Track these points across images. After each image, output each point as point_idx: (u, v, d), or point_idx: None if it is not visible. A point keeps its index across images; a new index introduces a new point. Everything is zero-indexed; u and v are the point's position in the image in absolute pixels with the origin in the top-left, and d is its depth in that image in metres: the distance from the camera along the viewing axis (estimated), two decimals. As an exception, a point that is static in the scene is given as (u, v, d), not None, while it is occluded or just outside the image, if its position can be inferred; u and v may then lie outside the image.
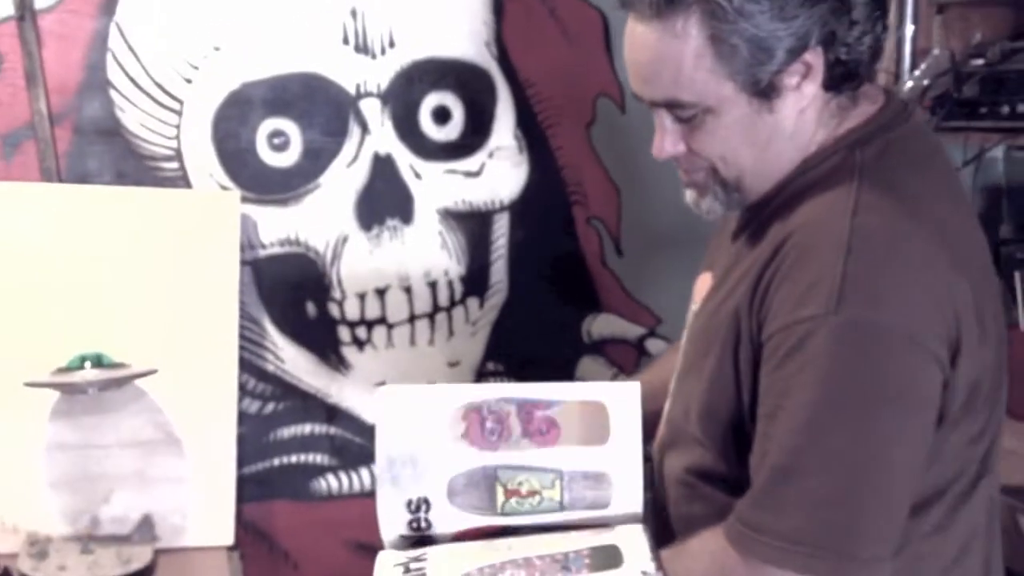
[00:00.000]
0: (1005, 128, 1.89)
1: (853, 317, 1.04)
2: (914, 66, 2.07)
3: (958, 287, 1.08)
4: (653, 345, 2.23)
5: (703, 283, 1.31)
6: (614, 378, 2.21)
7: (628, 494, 1.21)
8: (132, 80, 1.93)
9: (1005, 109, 1.86)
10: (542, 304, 2.17)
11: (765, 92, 1.11)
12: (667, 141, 1.18)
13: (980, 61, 1.98)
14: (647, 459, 1.23)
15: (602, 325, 2.21)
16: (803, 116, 1.15)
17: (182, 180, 1.98)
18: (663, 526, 1.23)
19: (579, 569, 1.13)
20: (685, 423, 1.22)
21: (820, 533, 1.05)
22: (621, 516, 1.21)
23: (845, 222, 1.08)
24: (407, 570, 1.21)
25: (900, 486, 1.07)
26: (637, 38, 1.13)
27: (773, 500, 1.07)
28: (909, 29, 2.07)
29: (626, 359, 2.22)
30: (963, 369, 1.08)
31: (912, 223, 1.08)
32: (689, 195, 1.24)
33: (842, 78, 1.13)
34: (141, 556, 1.78)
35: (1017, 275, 1.98)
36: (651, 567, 1.11)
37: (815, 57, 1.10)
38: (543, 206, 2.15)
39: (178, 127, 1.97)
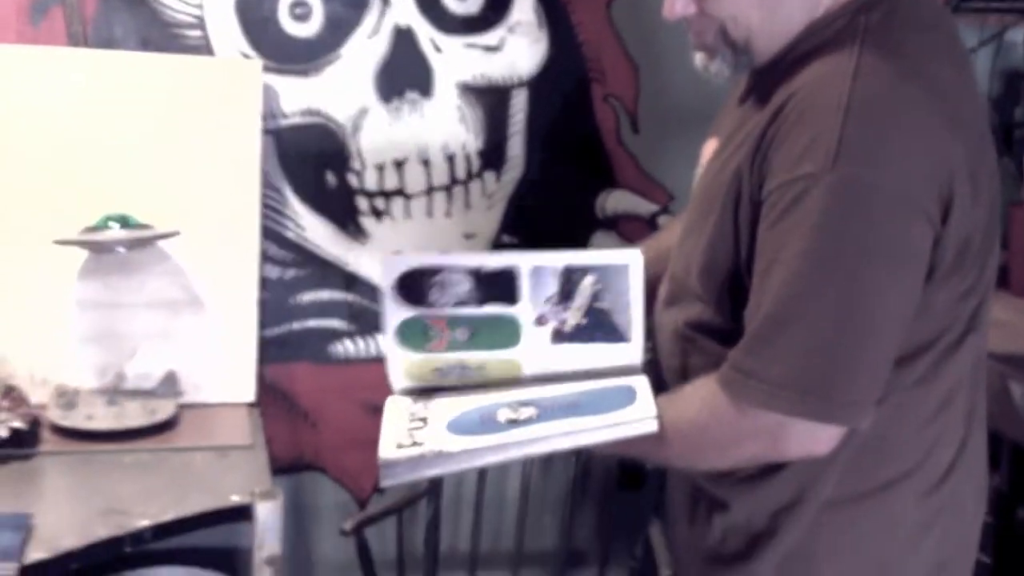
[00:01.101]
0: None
1: (848, 174, 1.08)
2: (938, -54, 2.05)
3: (953, 148, 1.11)
4: (665, 221, 2.26)
5: (709, 147, 1.34)
6: (626, 254, 2.25)
7: (631, 347, 1.28)
8: (156, -53, 1.96)
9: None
10: (557, 179, 2.21)
11: None
12: (678, 2, 1.21)
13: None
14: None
15: (616, 201, 2.25)
16: None
17: (205, 48, 2.02)
18: (658, 377, 1.29)
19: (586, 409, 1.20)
20: (686, 279, 1.27)
21: (806, 377, 1.10)
22: (622, 367, 1.28)
23: (845, 84, 1.11)
24: (412, 418, 1.28)
25: (886, 336, 1.12)
26: None
27: (764, 347, 1.12)
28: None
29: (638, 234, 2.26)
30: (954, 227, 1.12)
31: (911, 86, 1.11)
32: (698, 58, 1.27)
33: None
34: (165, 408, 1.87)
35: (1028, 157, 2.00)
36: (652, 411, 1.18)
37: None
38: (561, 83, 2.17)
39: (202, -5, 2.00)
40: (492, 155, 2.17)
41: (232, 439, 1.84)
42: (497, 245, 2.21)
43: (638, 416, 1.18)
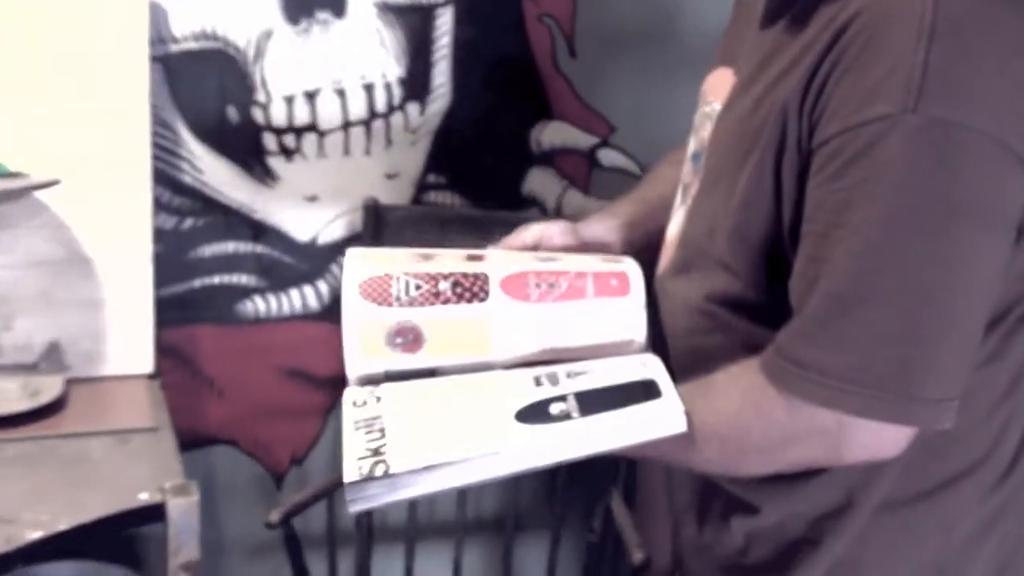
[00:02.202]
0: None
1: (936, 116, 0.88)
2: None
3: None
4: (606, 156, 2.06)
5: (720, 80, 1.13)
6: (564, 190, 2.05)
7: (631, 310, 1.06)
8: None
9: None
10: (488, 110, 1.97)
11: None
12: None
13: None
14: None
15: (552, 133, 2.03)
16: None
17: (78, -39, 1.72)
18: (664, 359, 1.08)
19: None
20: (709, 244, 1.06)
21: (883, 371, 0.91)
22: (620, 344, 1.06)
23: (925, 2, 0.90)
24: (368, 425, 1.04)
25: (975, 316, 0.94)
26: None
27: (827, 332, 0.93)
28: None
29: (577, 170, 2.05)
30: None
31: (1002, 4, 0.92)
32: None
33: None
34: (50, 388, 1.61)
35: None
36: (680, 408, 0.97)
37: None
38: (490, 1, 1.93)
39: (71, -103, 1.69)
40: (415, 84, 1.92)
41: (132, 420, 1.60)
42: (422, 185, 1.97)
43: (663, 412, 0.97)
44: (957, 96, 0.88)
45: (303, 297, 1.95)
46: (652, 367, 1.03)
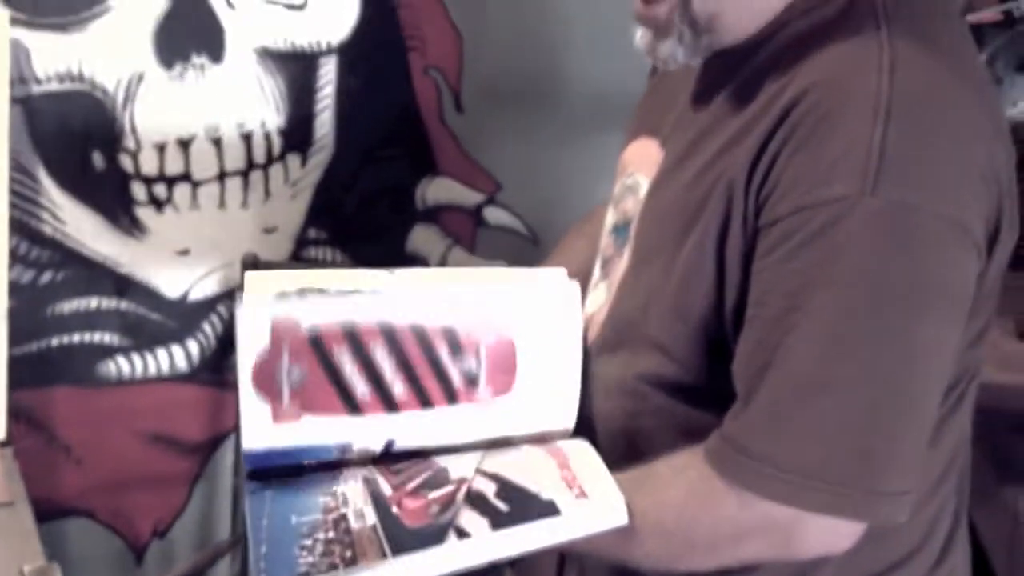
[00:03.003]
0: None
1: (895, 199, 0.85)
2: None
3: (1000, 158, 0.92)
4: (491, 214, 2.01)
5: (643, 151, 1.08)
6: (448, 249, 1.99)
7: (560, 406, 1.00)
8: None
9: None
10: (372, 164, 1.91)
11: None
12: None
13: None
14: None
15: (437, 189, 1.97)
16: None
17: (-71, -9, 1.59)
18: (591, 442, 1.02)
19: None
20: (641, 322, 1.01)
21: (845, 465, 0.87)
22: (548, 432, 1.00)
23: (882, 79, 0.87)
24: None
25: (932, 404, 0.91)
26: None
27: (781, 422, 0.88)
28: None
29: (462, 228, 2.00)
30: (996, 258, 0.93)
31: (956, 83, 0.90)
32: (642, 36, 1.00)
33: None
34: None
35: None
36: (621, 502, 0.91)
37: None
38: (376, 51, 1.87)
39: (-76, -79, 1.56)
40: (296, 134, 1.84)
41: (-17, 495, 1.45)
42: (302, 241, 1.89)
43: (601, 505, 0.91)
44: (915, 179, 0.86)
45: (171, 357, 1.83)
46: (579, 458, 0.97)
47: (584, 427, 1.03)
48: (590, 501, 0.91)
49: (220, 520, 1.90)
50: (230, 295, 1.83)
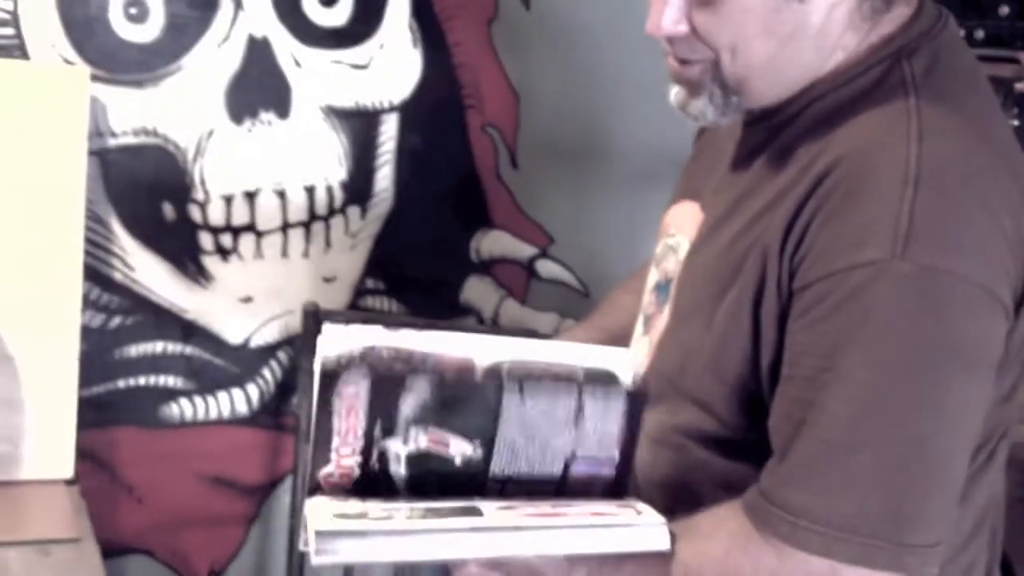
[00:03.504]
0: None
1: (924, 263, 0.89)
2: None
3: None
4: (544, 267, 2.06)
5: (685, 213, 1.13)
6: (501, 301, 2.04)
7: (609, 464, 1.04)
8: (-42, -77, 1.61)
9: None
10: (429, 217, 1.97)
11: None
12: (667, 16, 0.99)
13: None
14: None
15: (492, 243, 2.03)
16: (833, 13, 0.98)
17: (18, 50, 1.67)
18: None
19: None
20: (679, 378, 1.05)
21: (876, 518, 0.91)
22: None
23: (911, 148, 0.92)
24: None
25: (962, 461, 0.94)
26: None
27: (817, 478, 0.92)
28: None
29: (515, 281, 2.05)
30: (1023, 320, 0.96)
31: (983, 151, 0.95)
32: (676, 94, 1.06)
33: None
34: (-34, 493, 1.52)
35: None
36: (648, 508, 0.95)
37: None
38: (435, 109, 1.94)
39: (15, -14, 1.66)
40: (357, 188, 1.90)
41: (54, 530, 1.51)
42: (360, 290, 1.94)
43: (646, 523, 0.95)
44: (944, 244, 0.90)
45: (232, 401, 1.89)
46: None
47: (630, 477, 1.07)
48: (637, 519, 0.95)
49: (275, 561, 1.94)
50: (290, 342, 1.89)
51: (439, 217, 1.98)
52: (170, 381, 1.85)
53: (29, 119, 1.63)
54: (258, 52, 1.79)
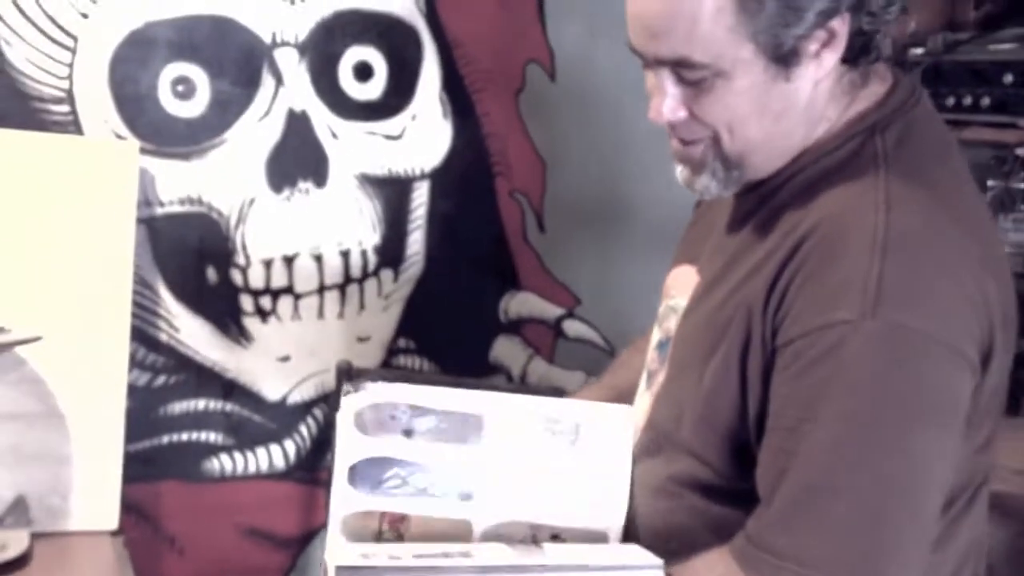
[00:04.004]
0: (948, 120, 1.85)
1: (892, 321, 0.96)
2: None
3: (990, 288, 1.02)
4: (571, 327, 2.14)
5: (684, 278, 1.21)
6: (529, 359, 2.12)
7: (610, 514, 1.11)
8: (21, 11, 1.73)
9: (949, 101, 1.82)
10: (459, 279, 2.06)
11: (785, 58, 1.02)
12: (667, 105, 1.07)
13: (920, 51, 1.95)
14: None
15: (520, 304, 2.11)
16: (818, 89, 1.06)
17: (73, 126, 1.80)
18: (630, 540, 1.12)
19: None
20: (675, 430, 1.12)
21: (854, 560, 0.97)
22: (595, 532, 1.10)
23: (879, 217, 0.99)
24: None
25: (934, 505, 1.00)
26: None
27: (797, 523, 0.98)
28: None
29: (542, 340, 2.13)
30: (991, 375, 1.02)
31: (947, 219, 1.01)
32: (681, 172, 1.13)
33: (860, 51, 1.06)
34: (17, 542, 1.59)
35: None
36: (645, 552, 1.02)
37: (841, 24, 1.02)
38: (465, 176, 2.03)
39: (71, 66, 1.78)
40: (390, 252, 2.00)
41: (97, 578, 1.59)
42: (393, 349, 2.03)
43: (644, 566, 1.01)
44: (910, 304, 0.97)
45: (269, 456, 1.97)
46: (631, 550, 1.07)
47: (630, 525, 1.13)
48: (635, 560, 1.01)
49: (312, 613, 2.01)
50: (325, 399, 1.97)
51: (469, 279, 2.06)
52: (211, 437, 1.94)
53: (82, 189, 1.73)
54: (297, 125, 1.90)
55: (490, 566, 1.02)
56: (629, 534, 1.12)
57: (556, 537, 1.10)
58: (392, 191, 1.99)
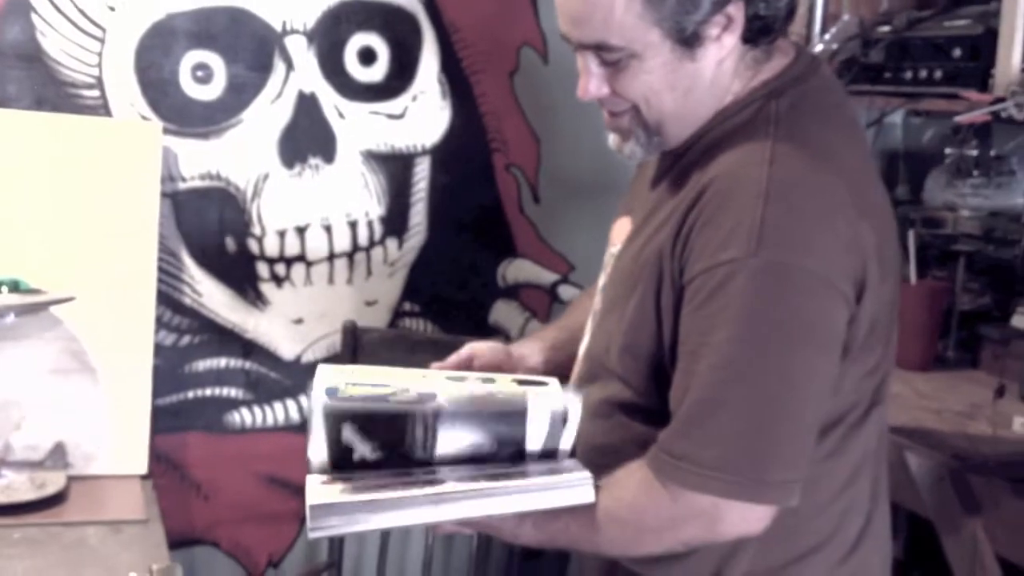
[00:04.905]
0: (908, 93, 1.97)
1: (771, 259, 1.10)
2: (824, 30, 2.15)
3: (864, 231, 1.15)
4: (565, 291, 2.29)
5: (622, 227, 1.36)
6: (527, 321, 2.27)
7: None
8: (55, 5, 1.91)
9: (908, 75, 1.94)
10: (459, 248, 2.22)
11: (688, 41, 1.16)
12: (592, 83, 1.22)
13: (887, 28, 2.07)
14: None
15: (517, 270, 2.26)
16: (721, 66, 1.20)
17: (103, 109, 1.97)
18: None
19: None
20: (605, 358, 1.27)
21: (738, 460, 1.12)
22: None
23: (763, 170, 1.13)
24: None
25: (810, 416, 1.14)
26: None
27: (695, 431, 1.13)
28: (821, -6, 2.15)
29: (539, 304, 2.28)
30: (866, 306, 1.16)
31: (823, 172, 1.15)
32: (612, 139, 1.28)
33: (759, 32, 1.19)
34: (54, 482, 1.79)
35: (911, 233, 2.09)
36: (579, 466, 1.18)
37: (736, 10, 1.16)
38: (464, 152, 2.19)
39: (100, 55, 1.95)
40: (394, 222, 2.17)
41: (126, 513, 1.77)
42: (399, 312, 2.19)
43: (574, 480, 1.17)
44: (788, 244, 1.11)
45: (286, 410, 2.15)
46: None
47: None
48: (568, 478, 1.18)
49: (323, 555, 2.18)
50: (336, 357, 2.13)
51: (468, 247, 2.22)
52: (232, 392, 2.12)
53: (111, 166, 1.91)
54: (307, 106, 2.07)
55: (444, 493, 1.17)
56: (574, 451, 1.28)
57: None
58: (395, 166, 2.15)
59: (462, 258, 2.22)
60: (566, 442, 1.23)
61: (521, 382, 1.26)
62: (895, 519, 1.39)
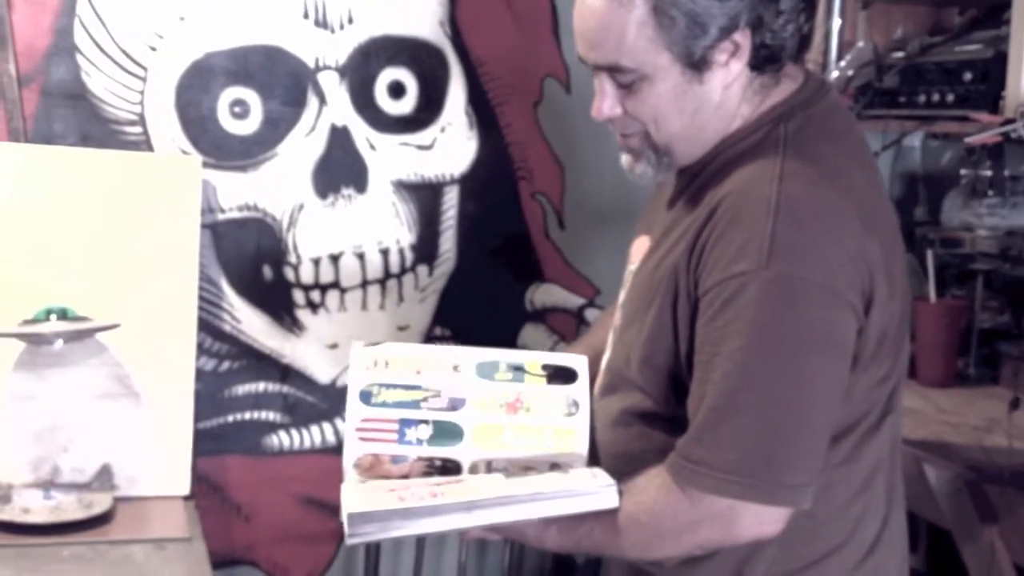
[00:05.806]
0: (922, 116, 2.03)
1: (781, 271, 1.16)
2: (840, 57, 2.22)
3: (870, 247, 1.21)
4: (591, 314, 2.34)
5: (640, 245, 1.42)
6: (555, 345, 2.33)
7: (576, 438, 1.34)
8: (99, 46, 2.00)
9: (922, 98, 2.00)
10: (488, 273, 2.28)
11: (697, 65, 1.23)
12: (606, 103, 1.29)
13: (901, 54, 2.13)
14: None
15: (544, 294, 2.33)
16: (729, 91, 1.26)
17: (145, 144, 2.06)
18: (596, 463, 1.34)
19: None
20: (626, 370, 1.33)
21: (753, 464, 1.17)
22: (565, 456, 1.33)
23: (773, 188, 1.20)
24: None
25: (822, 422, 1.20)
26: (587, 6, 1.24)
27: (711, 437, 1.19)
28: (836, 22, 2.21)
29: (566, 327, 2.34)
30: (875, 318, 1.21)
31: (830, 190, 1.21)
32: (625, 159, 1.35)
33: (766, 60, 1.25)
34: (101, 502, 1.85)
35: (929, 253, 2.13)
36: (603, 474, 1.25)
37: (743, 38, 1.23)
38: (491, 180, 2.26)
39: (142, 93, 2.04)
40: (425, 249, 2.24)
41: (169, 532, 1.83)
42: (429, 337, 2.26)
43: (601, 487, 1.23)
44: (796, 256, 1.17)
45: (322, 433, 2.21)
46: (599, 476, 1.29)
47: (594, 453, 1.36)
48: (593, 483, 1.24)
49: (361, 572, 2.24)
50: (370, 382, 2.20)
51: (496, 273, 2.29)
52: (270, 416, 2.19)
53: (154, 199, 1.99)
54: (339, 139, 2.14)
55: (475, 500, 1.24)
56: (593, 459, 1.34)
57: (528, 469, 1.32)
58: (425, 195, 2.22)
59: (491, 283, 2.29)
60: None
61: (550, 377, 1.33)
62: (915, 530, 1.45)
